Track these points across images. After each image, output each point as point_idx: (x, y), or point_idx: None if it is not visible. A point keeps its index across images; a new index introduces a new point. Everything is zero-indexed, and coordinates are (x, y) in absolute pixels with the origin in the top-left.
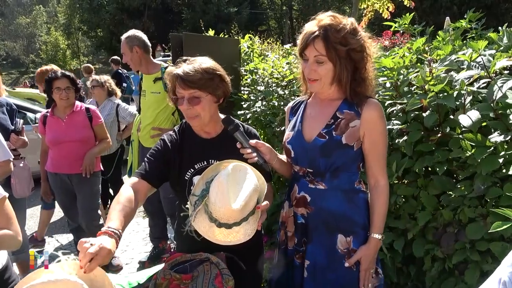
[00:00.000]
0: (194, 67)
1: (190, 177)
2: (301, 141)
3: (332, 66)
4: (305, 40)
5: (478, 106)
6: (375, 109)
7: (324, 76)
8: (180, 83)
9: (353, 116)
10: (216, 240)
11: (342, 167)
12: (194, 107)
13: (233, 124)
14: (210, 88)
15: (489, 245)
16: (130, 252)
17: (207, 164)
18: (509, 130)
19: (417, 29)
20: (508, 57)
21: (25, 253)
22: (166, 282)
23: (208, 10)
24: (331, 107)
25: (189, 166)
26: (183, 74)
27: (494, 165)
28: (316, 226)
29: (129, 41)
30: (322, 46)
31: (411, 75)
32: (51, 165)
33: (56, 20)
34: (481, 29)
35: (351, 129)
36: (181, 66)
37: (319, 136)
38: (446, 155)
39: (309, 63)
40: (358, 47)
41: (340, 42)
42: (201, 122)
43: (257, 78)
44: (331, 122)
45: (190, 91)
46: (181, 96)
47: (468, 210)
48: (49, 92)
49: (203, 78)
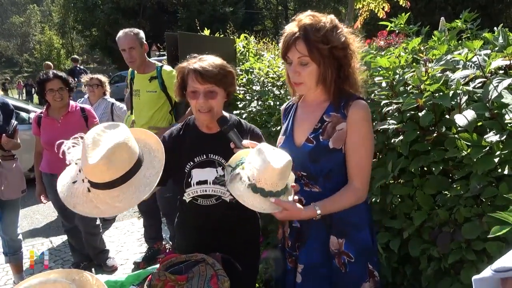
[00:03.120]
0: (210, 63)
1: (189, 170)
2: (291, 146)
3: (316, 66)
4: (286, 42)
5: (474, 105)
6: (359, 110)
7: (308, 78)
8: (198, 77)
9: (339, 119)
10: (251, 205)
11: (333, 170)
12: (209, 101)
13: (227, 124)
14: (225, 84)
15: (485, 245)
16: (125, 253)
17: (206, 157)
18: (505, 130)
19: (412, 29)
20: (503, 57)
21: (18, 255)
22: (161, 284)
23: (203, 10)
24: (319, 109)
25: (188, 159)
26: (201, 69)
27: (489, 165)
28: (310, 228)
29: (139, 37)
30: (304, 47)
31: (407, 75)
32: (46, 166)
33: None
34: (476, 29)
35: (338, 132)
36: (193, 62)
37: (307, 141)
38: (441, 155)
39: (293, 66)
40: (340, 44)
41: (322, 41)
42: (212, 117)
43: (252, 77)
44: (318, 126)
45: (206, 86)
46: (196, 90)
47: (464, 210)
48: (41, 94)
49: (219, 74)
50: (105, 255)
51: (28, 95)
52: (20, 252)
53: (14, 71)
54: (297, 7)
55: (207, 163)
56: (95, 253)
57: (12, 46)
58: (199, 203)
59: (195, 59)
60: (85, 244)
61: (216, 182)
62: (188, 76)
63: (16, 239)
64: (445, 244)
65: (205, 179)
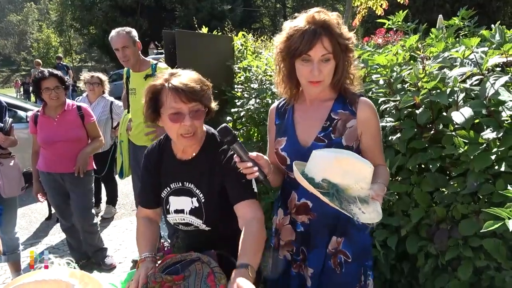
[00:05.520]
0: (190, 78)
1: (166, 196)
2: (298, 147)
3: (334, 63)
4: (309, 40)
5: (471, 103)
6: (369, 108)
7: (328, 76)
8: (181, 96)
9: (348, 116)
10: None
11: None
12: (194, 122)
13: (230, 135)
14: (207, 100)
15: (482, 242)
16: (123, 251)
17: (182, 185)
18: (501, 127)
19: (410, 27)
20: (500, 54)
21: (16, 254)
22: (158, 285)
23: (201, 7)
24: (323, 108)
25: (165, 185)
26: (183, 86)
27: (486, 162)
28: (318, 232)
29: (132, 35)
30: (329, 43)
31: (404, 72)
32: (43, 165)
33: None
34: (474, 27)
35: (349, 129)
36: (168, 78)
37: (317, 140)
38: (439, 152)
39: (316, 64)
40: (351, 39)
41: (341, 36)
42: (196, 140)
43: (250, 75)
44: (327, 125)
45: (192, 105)
46: (179, 112)
47: (461, 207)
48: (37, 92)
49: (202, 90)
50: (103, 253)
51: (26, 93)
52: (18, 250)
53: (11, 70)
54: (295, 5)
55: (182, 191)
56: (93, 251)
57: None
58: (181, 228)
59: (167, 75)
60: (83, 243)
61: (192, 213)
62: (166, 96)
63: (13, 237)
64: (443, 241)
65: (181, 208)
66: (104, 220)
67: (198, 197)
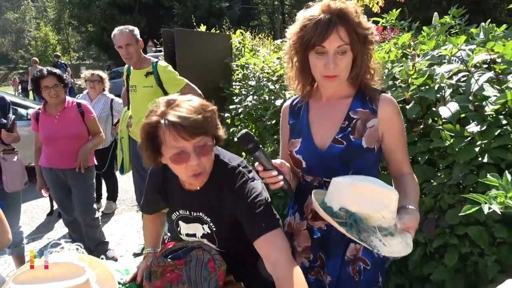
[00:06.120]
0: (189, 108)
1: (176, 219)
2: (314, 149)
3: (352, 56)
4: (324, 30)
5: (457, 98)
6: (391, 106)
7: (345, 70)
8: (181, 133)
9: (369, 115)
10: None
11: (364, 173)
12: (202, 159)
13: (252, 143)
14: (213, 129)
15: (467, 229)
16: (124, 245)
17: (189, 214)
18: (485, 121)
19: (404, 25)
20: (486, 52)
21: (20, 247)
22: (161, 269)
23: (199, 5)
24: (341, 106)
25: (173, 209)
26: (182, 120)
27: (471, 154)
28: (336, 238)
29: (135, 33)
30: (346, 33)
31: (395, 69)
32: (45, 161)
33: (46, 15)
34: (465, 24)
35: (369, 129)
36: (163, 111)
37: (335, 142)
38: (427, 145)
39: (331, 56)
40: (371, 30)
41: (359, 26)
42: (206, 177)
43: (248, 73)
44: (345, 125)
45: (196, 140)
46: (182, 151)
47: (448, 197)
48: (37, 91)
49: (205, 119)
50: (105, 247)
51: (24, 91)
52: (22, 244)
53: (9, 68)
54: (293, 2)
55: (192, 219)
56: (95, 245)
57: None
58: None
59: (163, 107)
60: (85, 237)
61: (205, 237)
62: (164, 134)
63: (18, 231)
64: (430, 230)
65: (193, 232)
66: (105, 215)
67: (209, 224)
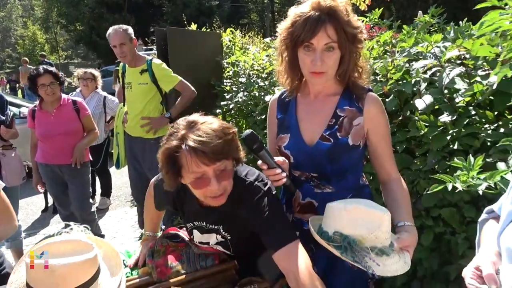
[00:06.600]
0: (209, 132)
1: (190, 228)
2: (302, 146)
3: (339, 53)
4: (313, 27)
5: (431, 91)
6: (376, 105)
7: (333, 67)
8: (202, 159)
9: (355, 113)
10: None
11: (350, 168)
12: (222, 183)
13: (257, 142)
14: (234, 153)
15: (440, 211)
16: (120, 239)
17: (205, 225)
18: (456, 111)
19: (386, 23)
20: (457, 48)
21: (19, 240)
22: (163, 249)
23: (189, 3)
24: (329, 103)
25: (188, 220)
26: (203, 146)
27: (443, 142)
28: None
29: (129, 33)
30: (333, 31)
31: (375, 65)
32: (41, 157)
33: (32, 14)
34: (444, 23)
35: (356, 127)
36: (184, 134)
37: (322, 139)
38: (405, 135)
39: (318, 53)
40: (360, 29)
41: (348, 24)
42: (225, 198)
43: (238, 70)
44: (332, 122)
45: (217, 165)
46: (203, 175)
47: (423, 182)
48: (34, 89)
49: (226, 143)
50: None
51: (12, 90)
52: (20, 237)
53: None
54: (283, 0)
55: (207, 230)
56: None
57: None
58: None
59: (184, 129)
60: None
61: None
62: (185, 159)
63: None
64: None
65: (207, 241)
66: (100, 211)
67: (223, 235)
